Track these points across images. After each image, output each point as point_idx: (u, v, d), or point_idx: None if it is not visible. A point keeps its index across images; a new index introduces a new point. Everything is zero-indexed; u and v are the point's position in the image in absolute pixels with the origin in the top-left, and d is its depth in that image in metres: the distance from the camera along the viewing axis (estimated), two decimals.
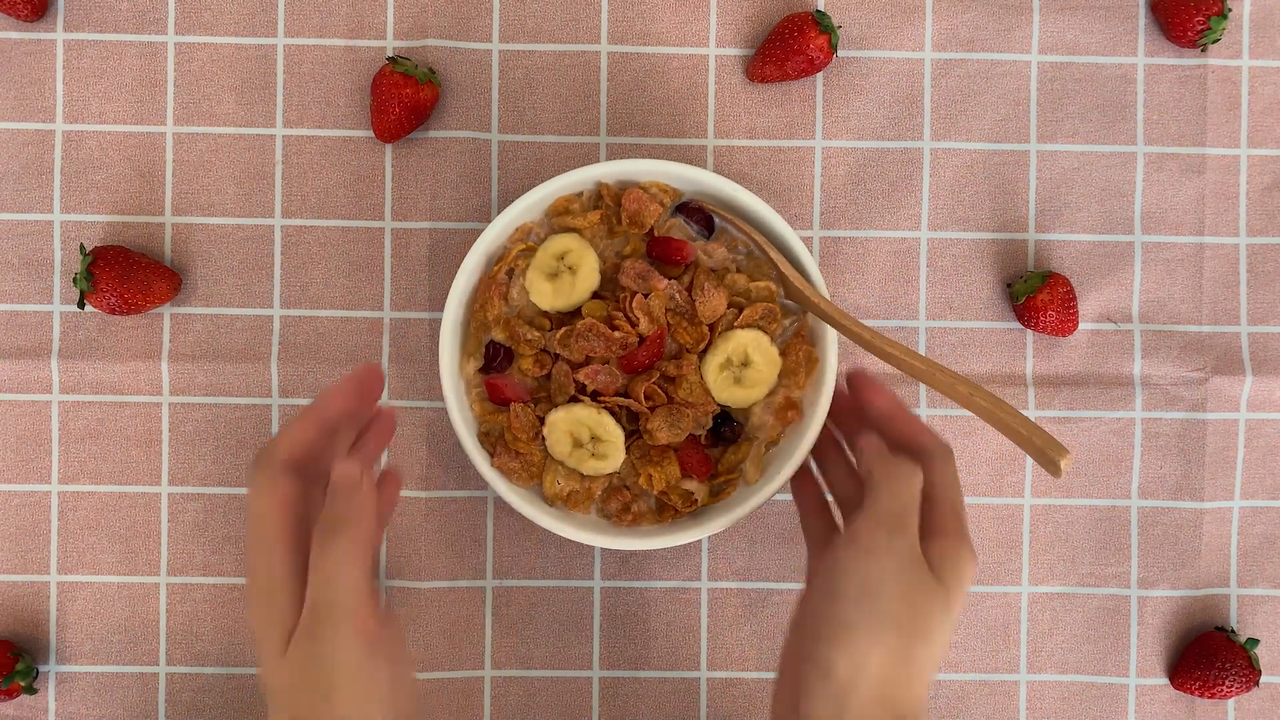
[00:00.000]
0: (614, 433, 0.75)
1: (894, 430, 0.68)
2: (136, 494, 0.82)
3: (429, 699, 0.82)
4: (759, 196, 0.76)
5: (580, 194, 0.76)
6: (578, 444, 0.75)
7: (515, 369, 0.76)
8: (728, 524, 0.76)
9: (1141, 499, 0.83)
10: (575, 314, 0.76)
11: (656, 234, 0.77)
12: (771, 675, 0.82)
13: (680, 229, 0.77)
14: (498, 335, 0.76)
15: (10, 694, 0.79)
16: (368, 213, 0.82)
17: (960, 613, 0.78)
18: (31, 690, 0.80)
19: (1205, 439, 0.83)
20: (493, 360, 0.76)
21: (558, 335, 0.75)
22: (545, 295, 0.75)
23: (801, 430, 0.76)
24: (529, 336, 0.75)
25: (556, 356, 0.76)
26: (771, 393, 0.77)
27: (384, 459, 0.82)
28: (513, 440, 0.76)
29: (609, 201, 0.76)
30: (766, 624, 0.83)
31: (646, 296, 0.75)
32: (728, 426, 0.77)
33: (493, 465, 0.76)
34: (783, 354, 0.77)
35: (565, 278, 0.75)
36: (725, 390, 0.76)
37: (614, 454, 0.76)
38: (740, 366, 0.76)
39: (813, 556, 0.71)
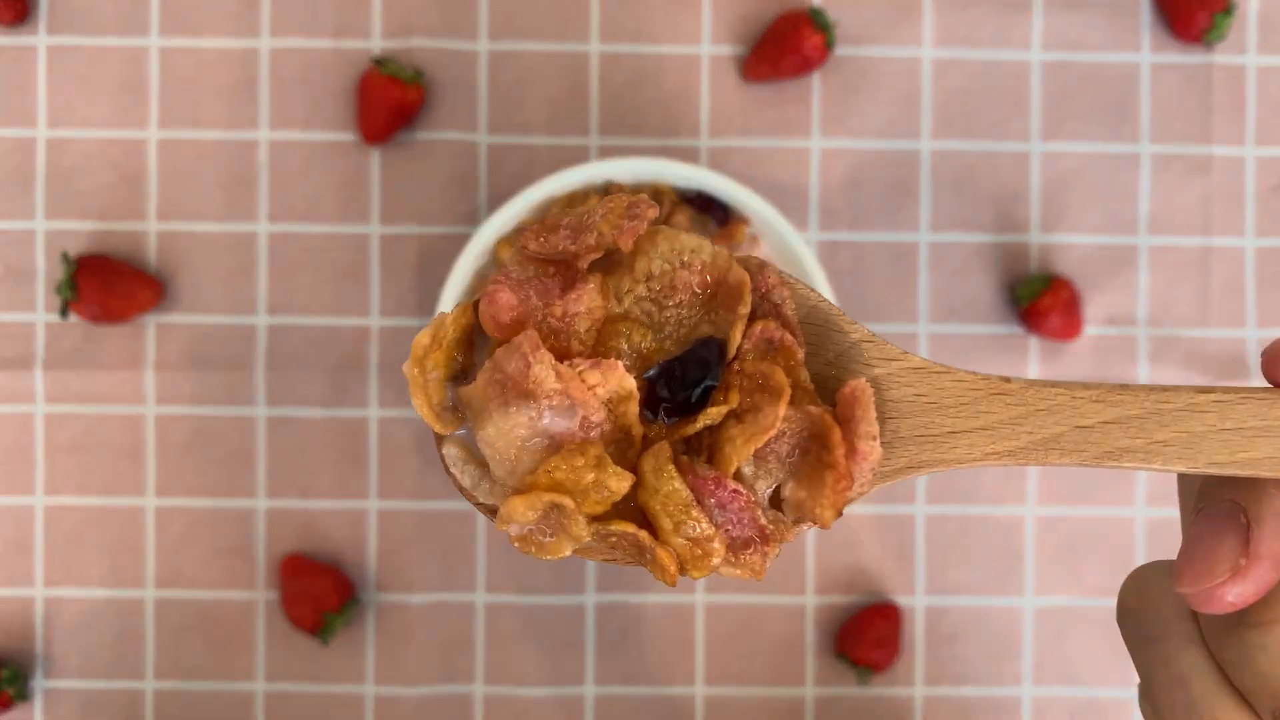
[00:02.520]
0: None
1: None
2: (122, 506, 0.80)
3: (420, 715, 0.80)
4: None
5: (584, 194, 0.75)
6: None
7: None
8: None
9: (1149, 508, 0.81)
10: None
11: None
12: (768, 690, 0.81)
13: (685, 223, 0.75)
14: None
15: (1, 705, 0.78)
16: (354, 217, 0.80)
17: None
18: (24, 696, 0.79)
19: None
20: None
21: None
22: None
23: None
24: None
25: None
26: None
27: (373, 466, 0.80)
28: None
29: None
30: (764, 640, 0.81)
31: None
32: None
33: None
34: None
35: None
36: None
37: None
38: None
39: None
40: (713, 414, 0.31)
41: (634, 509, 0.32)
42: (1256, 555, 0.30)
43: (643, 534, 0.31)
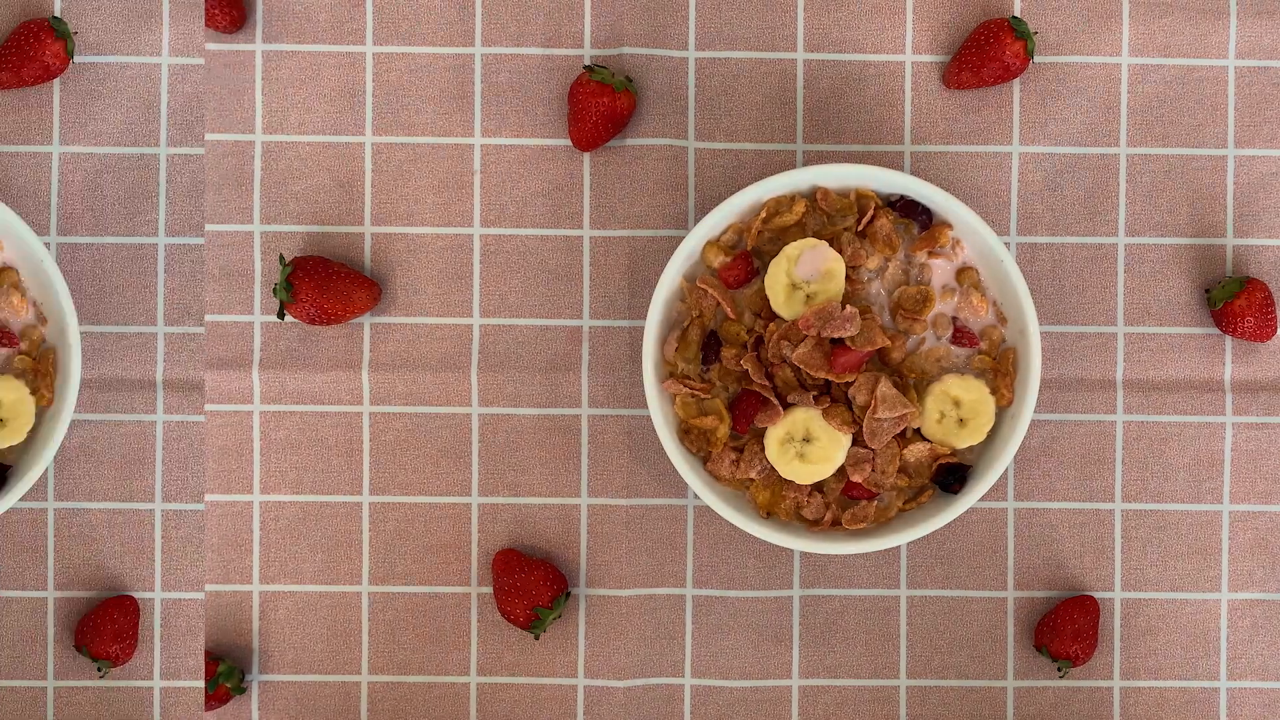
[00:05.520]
0: (834, 435, 0.75)
1: None
2: (338, 503, 0.82)
3: (629, 707, 0.82)
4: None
5: (791, 198, 0.76)
6: (790, 442, 0.75)
7: (717, 368, 0.77)
8: (927, 531, 0.76)
9: None
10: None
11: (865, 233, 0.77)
12: (969, 682, 0.82)
13: (889, 228, 0.77)
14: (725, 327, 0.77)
15: (219, 699, 0.79)
16: (566, 221, 0.82)
17: None
18: (240, 690, 0.80)
19: None
20: (709, 356, 0.77)
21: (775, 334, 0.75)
22: (784, 305, 0.75)
23: (1006, 436, 0.76)
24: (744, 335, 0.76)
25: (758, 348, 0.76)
26: None
27: (584, 463, 0.82)
28: (718, 445, 0.76)
29: (822, 206, 0.76)
30: (966, 632, 0.82)
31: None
32: (955, 479, 0.77)
33: (706, 469, 0.77)
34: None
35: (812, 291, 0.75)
36: (953, 435, 0.76)
37: (832, 458, 0.76)
38: (954, 406, 0.76)
39: None
40: None
41: None
42: None
43: None
